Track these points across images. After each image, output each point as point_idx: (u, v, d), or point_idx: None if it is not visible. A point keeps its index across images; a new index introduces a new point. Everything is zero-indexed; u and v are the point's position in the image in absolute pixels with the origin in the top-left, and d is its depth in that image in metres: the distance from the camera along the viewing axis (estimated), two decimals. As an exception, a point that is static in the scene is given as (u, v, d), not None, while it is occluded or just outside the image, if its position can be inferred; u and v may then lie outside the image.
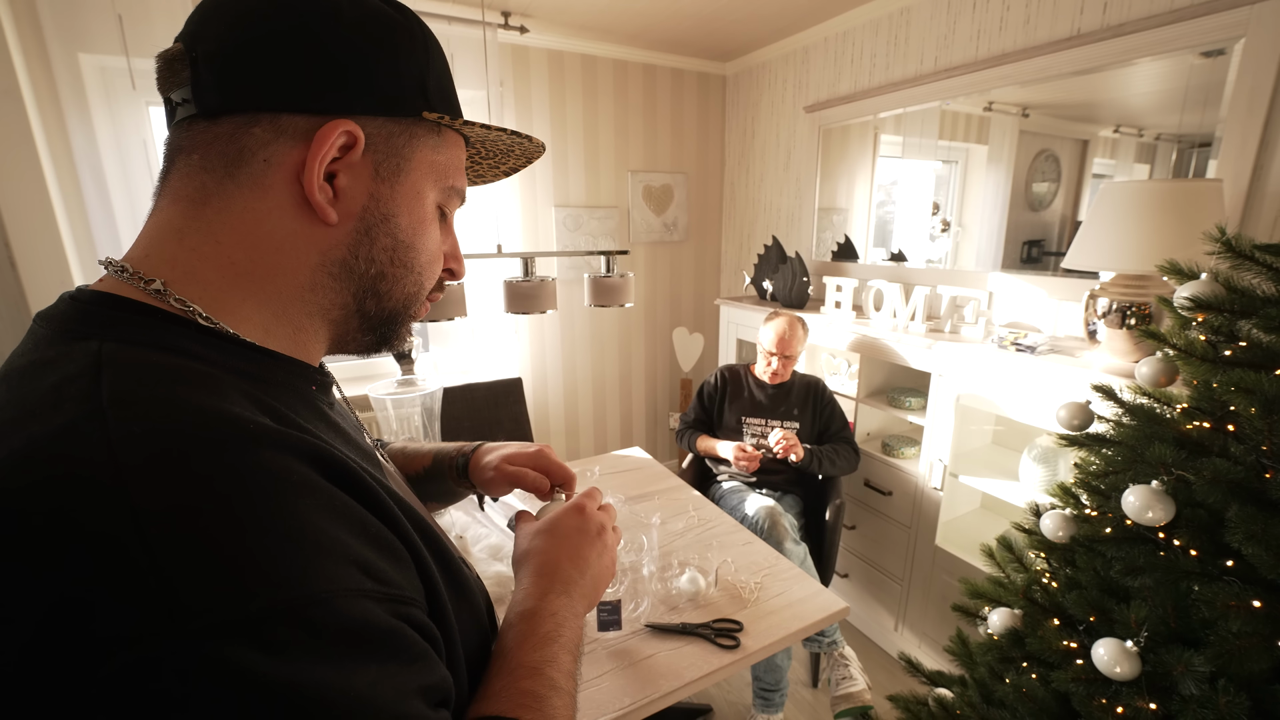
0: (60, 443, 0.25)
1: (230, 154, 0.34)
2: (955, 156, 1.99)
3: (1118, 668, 0.75)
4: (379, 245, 0.38)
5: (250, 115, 0.34)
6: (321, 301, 0.38)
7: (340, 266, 0.37)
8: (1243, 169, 1.30)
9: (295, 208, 0.35)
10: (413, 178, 0.39)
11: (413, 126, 0.38)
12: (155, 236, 0.35)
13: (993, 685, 0.96)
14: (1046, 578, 0.96)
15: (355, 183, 0.36)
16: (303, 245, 0.36)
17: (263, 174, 0.34)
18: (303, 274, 0.36)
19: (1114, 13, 1.50)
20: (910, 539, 1.83)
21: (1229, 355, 0.75)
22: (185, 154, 0.34)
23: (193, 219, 0.34)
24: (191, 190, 0.34)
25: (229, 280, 0.34)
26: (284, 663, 0.23)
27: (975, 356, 1.57)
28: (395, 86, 0.37)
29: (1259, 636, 0.65)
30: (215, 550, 0.23)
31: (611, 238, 2.78)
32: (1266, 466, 0.69)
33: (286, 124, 0.34)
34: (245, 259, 0.35)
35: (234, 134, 0.34)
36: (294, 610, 0.24)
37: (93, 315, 0.32)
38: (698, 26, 2.34)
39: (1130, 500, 0.77)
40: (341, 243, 0.37)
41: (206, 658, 0.21)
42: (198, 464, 0.25)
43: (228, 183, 0.34)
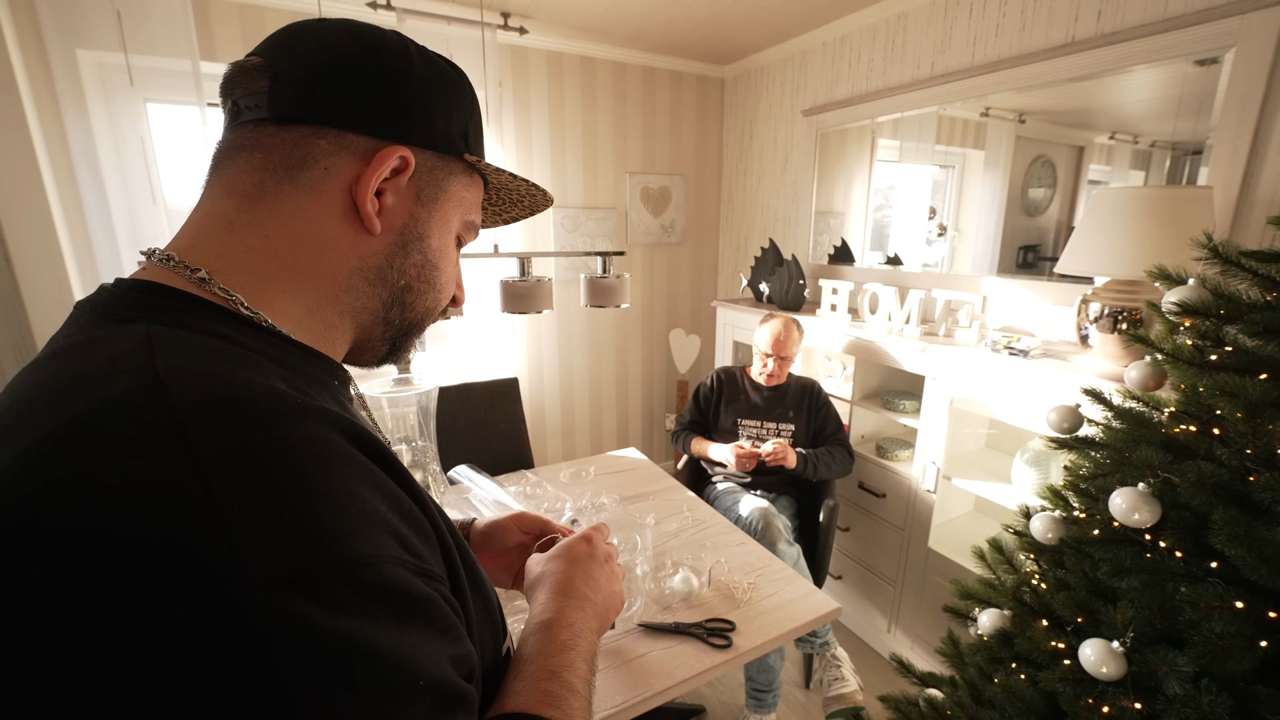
0: (124, 406, 0.26)
1: (294, 158, 0.37)
2: (952, 161, 2.01)
3: (1104, 668, 0.76)
4: (411, 260, 0.42)
5: (319, 128, 0.37)
6: (354, 304, 0.41)
7: (376, 273, 0.41)
8: (1233, 176, 1.32)
9: (344, 215, 0.38)
10: (445, 207, 0.44)
11: (452, 164, 0.43)
12: (205, 227, 0.37)
13: (982, 686, 0.97)
14: (1036, 579, 0.97)
15: (399, 202, 0.40)
16: (345, 249, 0.39)
17: (321, 180, 0.37)
18: (341, 276, 0.39)
19: (1108, 20, 1.52)
20: (903, 541, 1.84)
21: (1215, 360, 0.76)
22: (247, 152, 0.37)
23: (245, 212, 0.36)
24: (248, 185, 0.37)
25: (271, 273, 0.37)
26: (339, 618, 0.24)
27: (969, 360, 1.58)
28: (445, 129, 0.42)
29: (1241, 637, 0.66)
30: (275, 510, 0.24)
31: (609, 239, 2.78)
32: (1250, 469, 0.70)
33: (350, 141, 0.38)
34: (290, 254, 0.37)
35: (300, 141, 0.37)
36: (345, 570, 0.25)
37: (137, 301, 0.34)
38: (696, 29, 2.35)
39: (1117, 503, 0.78)
40: (380, 252, 0.40)
41: (269, 609, 0.22)
42: (254, 429, 0.27)
43: (286, 183, 0.37)
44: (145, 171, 1.83)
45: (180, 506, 0.23)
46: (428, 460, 1.41)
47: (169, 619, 0.21)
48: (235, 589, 0.22)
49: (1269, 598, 0.66)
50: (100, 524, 0.22)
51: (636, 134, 2.76)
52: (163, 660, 0.21)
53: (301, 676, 0.22)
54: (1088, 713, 0.77)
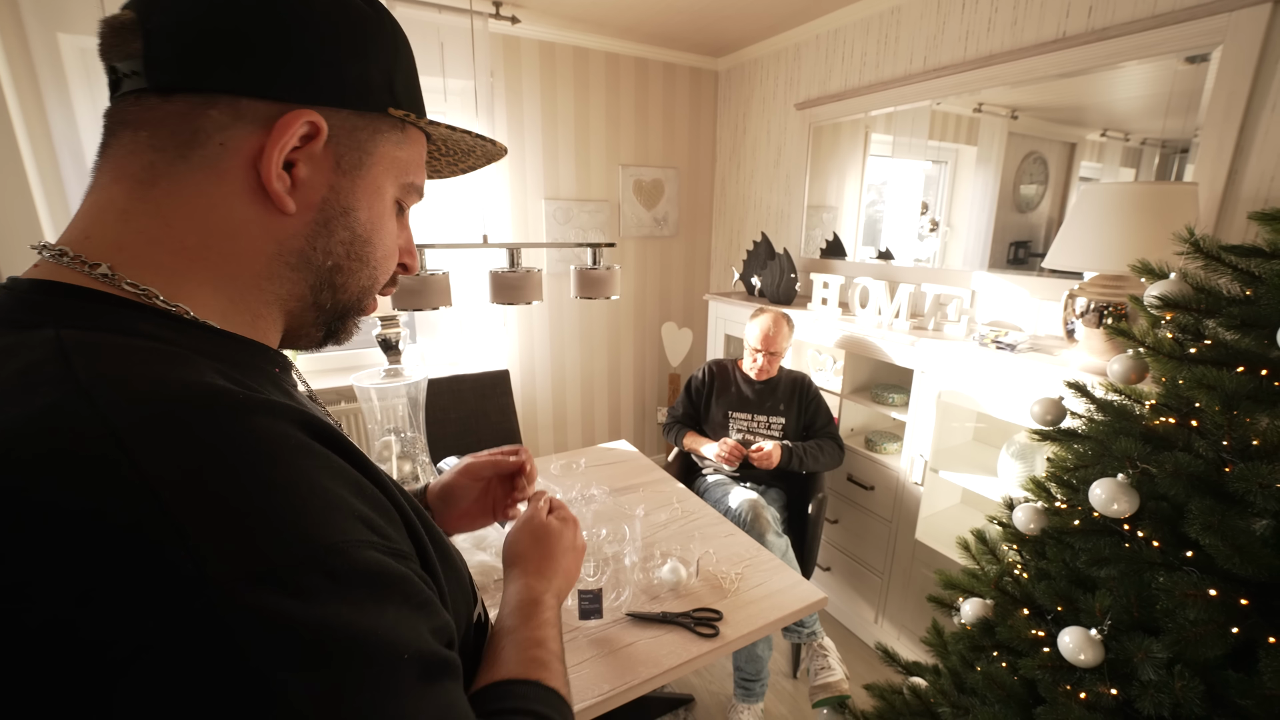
0: (48, 421, 0.24)
1: (183, 134, 0.32)
2: (945, 157, 2.01)
3: (1082, 655, 0.77)
4: (336, 238, 0.38)
5: (208, 96, 0.32)
6: (279, 291, 0.37)
7: (298, 257, 0.37)
8: (1218, 173, 1.33)
9: (251, 195, 0.34)
10: (374, 172, 0.38)
11: (377, 121, 0.38)
12: (96, 217, 0.33)
13: (964, 673, 0.98)
14: (1018, 569, 0.98)
15: (315, 174, 0.36)
16: (258, 233, 0.35)
17: (218, 158, 0.33)
18: (259, 262, 0.35)
19: (1098, 16, 1.52)
20: (891, 533, 1.86)
21: (1194, 353, 0.78)
22: (132, 130, 0.33)
23: (139, 200, 0.33)
24: (138, 168, 0.33)
25: (183, 264, 0.33)
26: (315, 606, 0.24)
27: (957, 354, 1.59)
28: (363, 81, 0.36)
29: (1214, 624, 0.67)
30: (232, 511, 0.24)
31: (601, 231, 2.78)
32: (1226, 460, 0.71)
33: (246, 109, 0.33)
34: (198, 244, 0.33)
35: (188, 113, 0.32)
36: (316, 559, 0.25)
37: (39, 304, 0.30)
38: (690, 21, 2.34)
39: (1097, 493, 0.79)
40: (299, 233, 0.36)
41: (240, 608, 0.22)
42: (199, 431, 0.26)
43: (179, 164, 0.33)
44: (130, 159, 1.81)
45: (133, 529, 0.22)
46: (417, 451, 1.41)
47: (141, 631, 0.21)
48: (205, 594, 0.22)
49: (1241, 585, 0.68)
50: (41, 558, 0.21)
51: (629, 126, 2.75)
52: (138, 672, 0.20)
53: (281, 667, 0.22)
54: (1065, 699, 0.79)
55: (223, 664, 0.21)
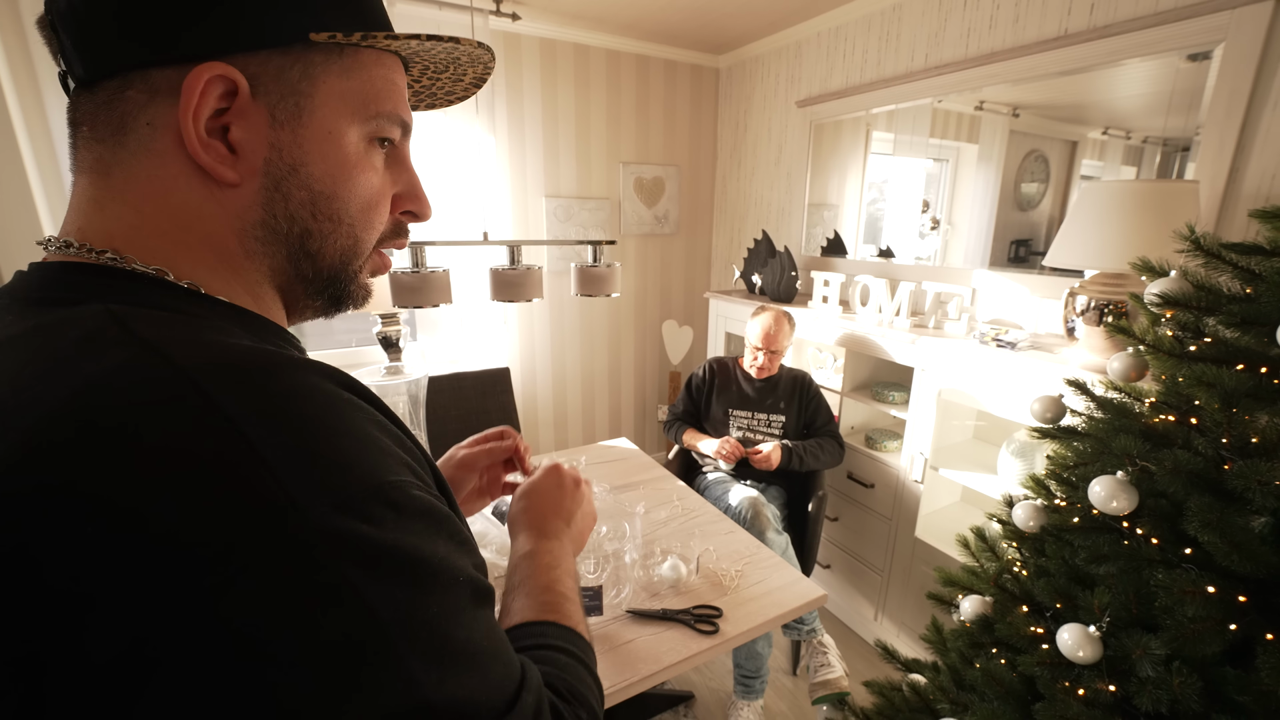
0: (131, 374, 0.25)
1: (113, 122, 0.31)
2: (946, 155, 2.01)
3: (1080, 652, 0.78)
4: (294, 200, 0.34)
5: (121, 78, 0.31)
6: (260, 267, 0.35)
7: (262, 229, 0.34)
8: (1219, 171, 1.33)
9: (195, 172, 0.32)
10: (319, 116, 0.34)
11: (306, 54, 0.33)
12: (81, 210, 0.33)
13: (963, 670, 0.99)
14: (1017, 566, 0.98)
15: (251, 134, 0.32)
16: (214, 211, 0.33)
17: (150, 139, 0.31)
18: (231, 241, 0.34)
19: (1100, 14, 1.52)
20: (891, 531, 1.86)
21: (1194, 350, 0.78)
22: (75, 126, 0.33)
23: (104, 189, 0.32)
24: (92, 162, 0.32)
25: (169, 247, 0.33)
26: (385, 531, 0.26)
27: (957, 352, 1.59)
28: (270, 8, 0.31)
29: (1213, 621, 0.67)
30: (306, 450, 0.25)
31: (602, 229, 2.78)
32: (1225, 458, 0.72)
33: (157, 80, 0.30)
34: (172, 227, 0.33)
35: (111, 100, 0.31)
36: (381, 493, 0.27)
37: (77, 283, 0.31)
38: (691, 18, 2.33)
39: (1096, 490, 0.79)
40: (254, 203, 0.33)
41: (328, 533, 0.24)
42: (263, 382, 0.27)
43: (120, 151, 0.32)
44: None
45: (228, 462, 0.23)
46: (418, 448, 1.41)
47: (238, 560, 0.22)
48: (296, 518, 0.23)
49: (1239, 583, 0.68)
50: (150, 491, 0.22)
51: (630, 124, 2.75)
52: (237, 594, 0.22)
53: (364, 581, 0.24)
54: (1064, 696, 0.79)
55: (313, 579, 0.23)
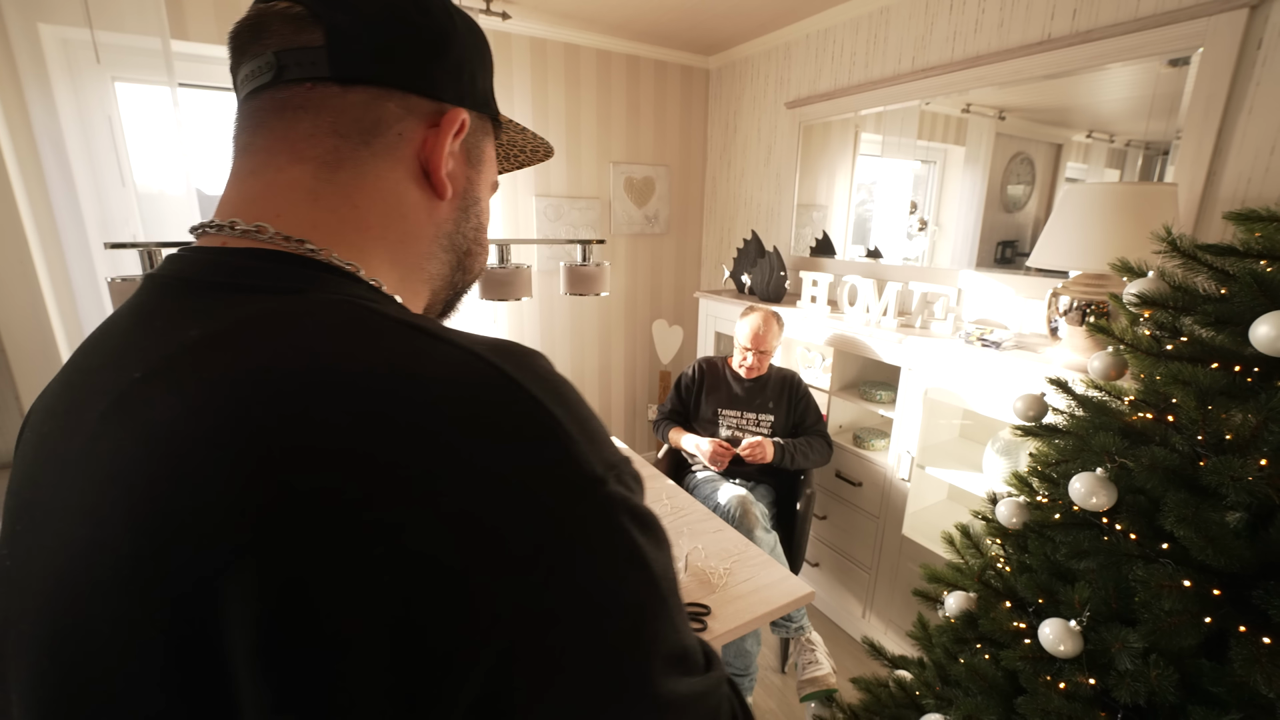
0: (439, 354, 0.28)
1: (366, 122, 0.36)
2: (934, 157, 2.03)
3: (1061, 646, 0.79)
4: (470, 224, 0.43)
5: (385, 90, 0.36)
6: (432, 270, 0.41)
7: (448, 239, 0.41)
8: (1198, 175, 1.35)
9: (417, 181, 0.38)
10: (486, 168, 0.44)
11: (488, 124, 0.44)
12: (284, 196, 0.35)
13: (948, 665, 1.00)
14: (1000, 562, 1.00)
15: (457, 165, 0.40)
16: (423, 216, 0.39)
17: (395, 146, 0.37)
18: (423, 243, 0.40)
19: (1082, 19, 1.54)
20: (879, 529, 1.88)
21: (1171, 349, 0.79)
22: (310, 114, 0.35)
23: (327, 181, 0.35)
24: (322, 152, 0.35)
25: (369, 243, 0.36)
26: (635, 495, 0.30)
27: (943, 352, 1.61)
28: (485, 88, 0.42)
29: (1189, 614, 0.69)
30: (587, 428, 0.29)
31: (593, 229, 2.78)
32: (1201, 454, 0.73)
33: (415, 105, 0.37)
34: (380, 224, 0.37)
35: (369, 104, 0.36)
36: (626, 464, 0.30)
37: (286, 273, 0.32)
38: (681, 19, 2.34)
39: (1076, 487, 0.81)
40: (449, 217, 0.41)
41: (612, 494, 0.28)
42: (537, 368, 0.30)
43: (363, 149, 0.36)
44: (114, 154, 1.78)
45: (554, 436, 0.27)
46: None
47: (573, 507, 0.26)
48: (601, 485, 0.27)
49: (1214, 576, 0.69)
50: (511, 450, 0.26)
51: (620, 123, 2.75)
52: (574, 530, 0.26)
53: (638, 534, 0.28)
54: (1045, 689, 0.80)
55: (615, 532, 0.27)
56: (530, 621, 0.24)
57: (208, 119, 2.14)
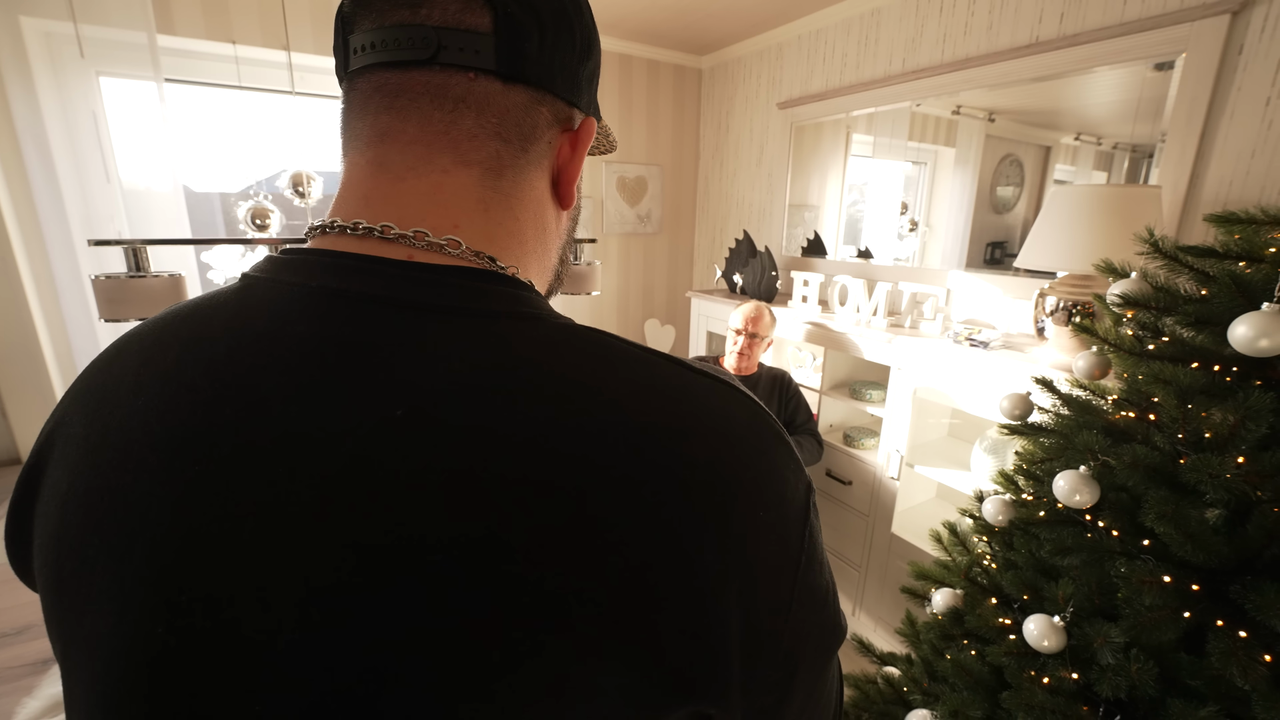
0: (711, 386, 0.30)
1: (525, 128, 0.33)
2: (925, 158, 2.05)
3: (1045, 641, 0.80)
4: (570, 226, 0.42)
5: (540, 93, 0.33)
6: (551, 276, 0.41)
7: (564, 247, 0.41)
8: (1181, 177, 1.37)
9: (551, 189, 0.37)
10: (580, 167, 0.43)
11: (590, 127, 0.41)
12: (457, 205, 0.32)
13: (935, 662, 1.01)
14: (987, 560, 1.01)
15: (576, 174, 0.39)
16: (555, 226, 0.38)
17: (544, 155, 0.35)
18: (553, 254, 0.39)
19: (1070, 23, 1.56)
20: (868, 527, 1.89)
21: (1152, 350, 0.80)
22: (474, 112, 0.31)
23: (491, 190, 0.33)
24: (485, 157, 0.32)
25: (525, 256, 0.35)
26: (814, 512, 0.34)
27: (932, 351, 1.63)
28: (596, 95, 0.40)
29: (1169, 609, 0.70)
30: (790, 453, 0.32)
31: (584, 228, 2.77)
32: (1181, 453, 0.74)
33: (561, 112, 0.35)
34: (532, 236, 0.36)
35: (529, 107, 0.33)
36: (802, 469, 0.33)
37: (503, 295, 0.31)
38: (673, 19, 2.34)
39: (1060, 484, 0.82)
40: (566, 227, 0.40)
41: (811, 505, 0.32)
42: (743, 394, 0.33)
43: (521, 157, 0.33)
44: (99, 149, 1.76)
45: (787, 446, 0.31)
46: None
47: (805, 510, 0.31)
48: (809, 509, 0.31)
49: (1194, 572, 0.71)
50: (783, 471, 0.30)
51: (612, 122, 2.75)
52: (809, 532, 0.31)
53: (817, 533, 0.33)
54: (1030, 684, 0.81)
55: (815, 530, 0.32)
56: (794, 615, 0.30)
57: (194, 115, 2.12)
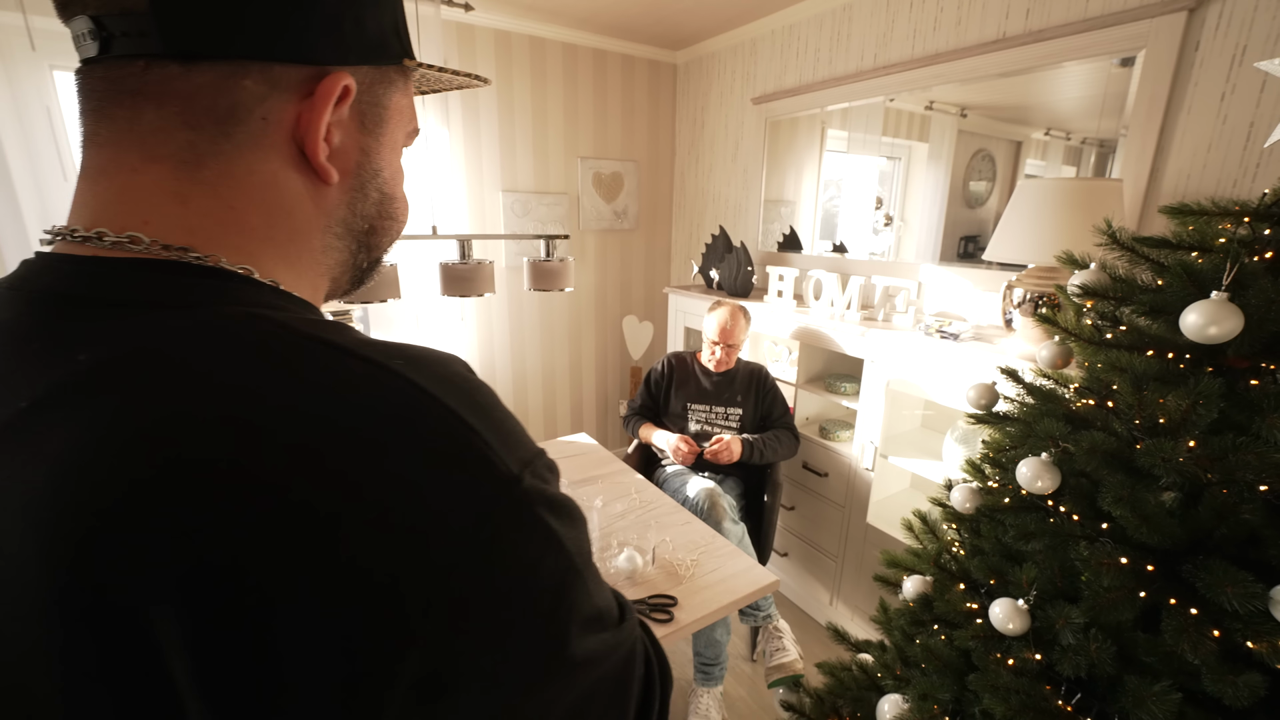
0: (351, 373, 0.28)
1: (221, 109, 0.30)
2: (899, 153, 2.07)
3: (1010, 624, 0.82)
4: (369, 200, 0.37)
5: (237, 64, 0.29)
6: (329, 261, 0.37)
7: (343, 226, 0.36)
8: (1142, 170, 1.41)
9: (296, 167, 0.33)
10: (390, 127, 0.37)
11: (391, 74, 0.36)
12: (146, 200, 0.30)
13: (906, 647, 1.03)
14: (955, 546, 1.03)
15: (347, 138, 0.34)
16: (310, 208, 0.34)
17: (262, 134, 0.31)
18: (315, 237, 0.35)
19: (1035, 19, 1.59)
20: (844, 518, 1.92)
21: (1111, 339, 0.82)
22: (153, 104, 0.29)
23: (191, 181, 0.30)
24: (176, 150, 0.30)
25: (253, 245, 0.32)
26: (551, 486, 0.31)
27: (905, 344, 1.65)
28: (379, 31, 0.34)
29: (1125, 589, 0.72)
30: (500, 430, 0.30)
31: (561, 224, 2.76)
32: (1137, 438, 0.76)
33: (280, 76, 0.31)
34: (262, 224, 0.32)
35: (221, 85, 0.29)
36: (540, 457, 0.32)
37: (173, 284, 0.29)
38: (647, 13, 2.33)
39: (1023, 471, 0.84)
40: (342, 202, 0.35)
41: (530, 489, 0.29)
42: (449, 376, 0.30)
43: (223, 143, 0.30)
44: (53, 145, 1.70)
45: (469, 445, 0.28)
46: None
47: (491, 506, 0.27)
48: (518, 483, 0.29)
49: (1149, 553, 0.73)
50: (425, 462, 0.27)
51: (588, 118, 2.74)
52: (493, 529, 0.27)
53: (558, 525, 0.30)
54: (995, 666, 0.83)
55: (533, 524, 0.29)
56: (460, 611, 0.26)
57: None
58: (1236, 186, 1.29)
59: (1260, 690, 0.64)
